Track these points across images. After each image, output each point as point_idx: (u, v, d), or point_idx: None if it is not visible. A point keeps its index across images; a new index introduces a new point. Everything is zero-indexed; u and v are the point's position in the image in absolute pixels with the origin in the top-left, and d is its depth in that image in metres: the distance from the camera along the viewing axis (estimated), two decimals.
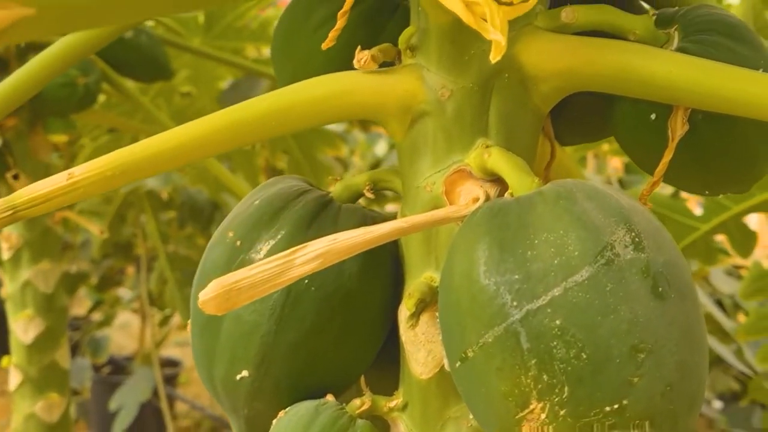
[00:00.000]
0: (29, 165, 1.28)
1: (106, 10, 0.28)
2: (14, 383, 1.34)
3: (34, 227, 1.31)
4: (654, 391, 0.38)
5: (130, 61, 1.28)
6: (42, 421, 1.33)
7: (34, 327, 1.32)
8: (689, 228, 1.45)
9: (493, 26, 0.38)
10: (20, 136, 1.28)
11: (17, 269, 1.32)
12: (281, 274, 0.43)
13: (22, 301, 1.33)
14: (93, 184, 0.46)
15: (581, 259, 0.38)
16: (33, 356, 1.33)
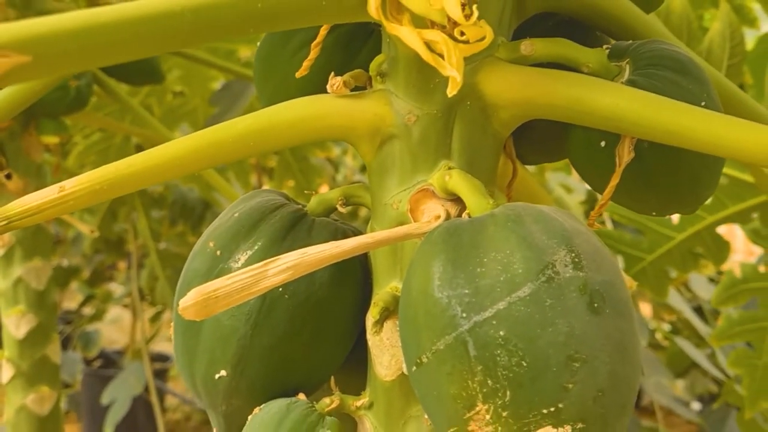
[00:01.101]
0: (21, 164, 1.31)
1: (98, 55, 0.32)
2: (6, 377, 1.38)
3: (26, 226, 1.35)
4: (587, 396, 0.42)
5: (121, 65, 1.32)
6: (33, 413, 1.37)
7: (26, 322, 1.36)
8: (666, 237, 1.50)
9: (449, 63, 0.42)
10: (13, 137, 1.32)
11: (9, 266, 1.36)
12: (255, 284, 0.47)
13: (14, 298, 1.36)
14: (82, 197, 0.50)
15: (524, 277, 0.42)
16: (25, 351, 1.37)
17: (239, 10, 0.37)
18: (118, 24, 0.32)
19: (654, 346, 2.64)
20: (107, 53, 0.32)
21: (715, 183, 0.55)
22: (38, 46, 0.29)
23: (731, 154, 0.46)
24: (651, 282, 1.57)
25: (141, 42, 0.32)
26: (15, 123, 1.31)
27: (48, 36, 0.29)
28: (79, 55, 0.30)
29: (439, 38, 0.42)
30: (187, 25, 0.34)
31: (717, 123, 0.46)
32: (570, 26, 0.59)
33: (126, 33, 0.32)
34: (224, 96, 1.84)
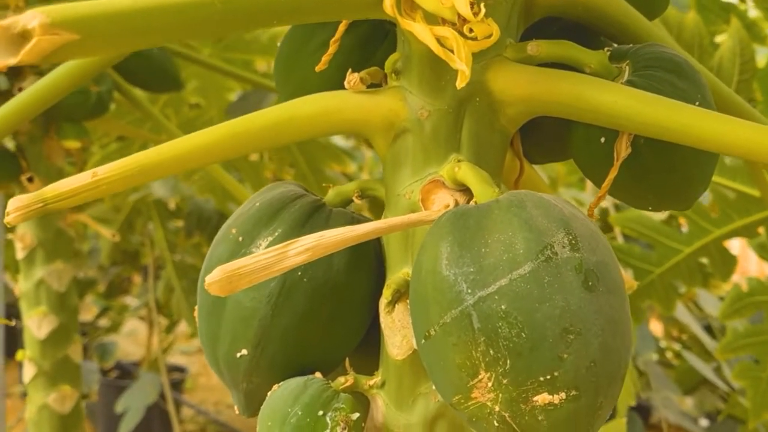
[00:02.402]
0: (42, 168, 1.36)
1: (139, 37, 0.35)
2: (28, 376, 1.42)
3: (48, 228, 1.39)
4: (580, 365, 0.45)
5: (140, 72, 1.36)
6: (55, 411, 1.40)
7: (48, 323, 1.40)
8: (674, 251, 1.53)
9: (458, 58, 0.46)
10: (34, 141, 1.36)
11: (31, 268, 1.39)
12: (277, 263, 0.51)
13: (36, 299, 1.40)
14: (114, 181, 0.53)
15: (525, 256, 0.46)
16: (46, 351, 1.41)
17: (266, 2, 0.40)
18: (157, 9, 0.35)
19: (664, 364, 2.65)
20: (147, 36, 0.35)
21: (707, 180, 0.58)
22: (86, 26, 0.33)
23: (720, 148, 0.50)
24: (659, 295, 1.59)
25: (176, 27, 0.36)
26: (35, 127, 1.36)
27: (96, 17, 0.33)
28: (123, 36, 0.34)
29: (449, 34, 0.46)
30: (217, 13, 0.38)
31: (707, 119, 0.49)
32: (575, 31, 0.62)
33: (163, 18, 0.36)
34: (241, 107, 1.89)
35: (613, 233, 1.98)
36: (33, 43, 0.32)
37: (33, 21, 0.32)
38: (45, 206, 0.55)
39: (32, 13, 0.33)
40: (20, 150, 1.41)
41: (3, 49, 0.33)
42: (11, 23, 0.32)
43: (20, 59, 0.33)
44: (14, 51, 0.33)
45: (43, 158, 1.40)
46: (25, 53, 0.32)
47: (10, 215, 0.54)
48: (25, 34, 0.33)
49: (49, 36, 0.33)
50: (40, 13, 0.33)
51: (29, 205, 0.54)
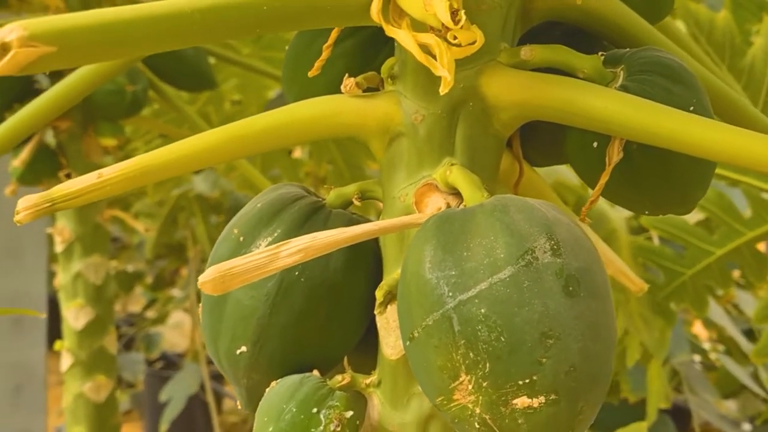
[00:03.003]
0: (81, 165, 1.40)
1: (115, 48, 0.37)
2: (65, 365, 1.46)
3: (86, 223, 1.43)
4: (559, 370, 0.46)
5: (174, 71, 1.39)
6: (90, 400, 1.45)
7: (85, 315, 1.44)
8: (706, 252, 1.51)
9: (441, 64, 0.47)
10: (73, 138, 1.40)
11: (69, 261, 1.44)
12: (269, 263, 0.52)
13: (73, 291, 1.44)
14: (119, 182, 0.55)
15: (505, 261, 0.46)
16: (83, 341, 1.45)
17: (245, 12, 0.42)
18: (134, 21, 0.37)
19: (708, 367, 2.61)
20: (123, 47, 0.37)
21: (706, 184, 0.58)
22: (62, 38, 0.34)
23: (708, 154, 0.49)
24: (691, 297, 1.58)
25: (154, 38, 0.38)
26: (75, 125, 1.40)
27: (71, 30, 0.35)
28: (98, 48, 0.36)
29: (432, 41, 0.47)
30: (196, 24, 0.39)
31: (695, 125, 0.49)
32: (577, 35, 0.62)
33: (141, 30, 0.37)
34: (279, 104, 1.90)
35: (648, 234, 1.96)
36: (11, 55, 0.34)
37: (11, 34, 0.34)
38: (53, 205, 0.57)
39: (11, 27, 0.34)
40: (60, 147, 1.45)
41: None
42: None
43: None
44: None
45: (81, 155, 1.44)
46: (3, 65, 0.34)
47: (20, 213, 0.57)
48: (2, 47, 0.34)
49: (26, 48, 0.34)
50: (18, 26, 0.34)
51: (38, 204, 0.56)
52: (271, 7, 0.43)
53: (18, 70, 0.35)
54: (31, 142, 1.38)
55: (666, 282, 1.59)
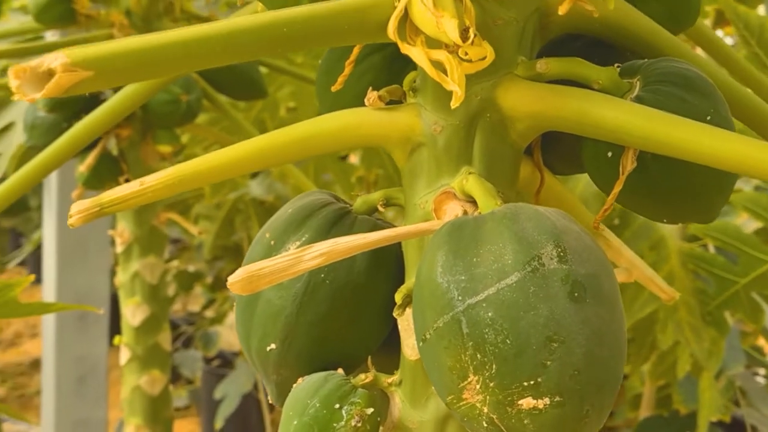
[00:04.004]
0: (139, 170, 1.46)
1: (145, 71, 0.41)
2: (124, 359, 1.53)
3: (143, 225, 1.50)
4: (564, 373, 0.48)
5: (227, 81, 1.45)
6: (146, 393, 1.51)
7: (141, 312, 1.51)
8: (759, 261, 1.50)
9: (452, 79, 0.49)
10: (133, 146, 1.47)
11: (128, 261, 1.50)
12: (293, 266, 0.56)
13: (131, 289, 1.51)
14: (158, 189, 0.59)
15: (513, 266, 0.49)
16: (139, 337, 1.51)
17: (267, 34, 0.45)
18: (162, 47, 0.40)
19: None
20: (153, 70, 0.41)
21: (726, 193, 0.59)
22: (99, 64, 0.38)
23: (719, 164, 0.51)
24: (744, 306, 1.56)
25: (180, 61, 0.41)
26: (135, 133, 1.47)
27: (106, 56, 0.39)
28: (130, 71, 0.39)
29: (444, 57, 0.49)
30: (219, 47, 0.43)
31: (705, 135, 0.51)
32: (599, 46, 0.64)
33: (168, 54, 0.41)
34: None
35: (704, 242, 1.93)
36: (55, 80, 0.38)
37: (55, 61, 0.38)
38: (101, 210, 0.62)
39: (55, 55, 0.38)
40: (121, 154, 1.52)
41: (32, 85, 0.39)
42: (38, 64, 0.38)
43: (44, 93, 0.38)
44: (40, 86, 0.39)
45: (140, 161, 1.50)
46: (49, 88, 0.38)
47: (73, 217, 0.61)
48: (49, 72, 0.38)
49: (68, 73, 0.38)
50: (61, 54, 0.38)
51: (88, 209, 0.60)
52: (291, 29, 0.46)
53: (61, 92, 0.38)
54: (96, 149, 1.45)
55: (718, 291, 1.58)
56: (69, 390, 1.79)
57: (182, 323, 4.34)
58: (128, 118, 1.47)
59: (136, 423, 1.48)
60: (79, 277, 1.81)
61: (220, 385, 3.10)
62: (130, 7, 1.49)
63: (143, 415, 1.48)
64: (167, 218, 1.54)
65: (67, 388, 1.79)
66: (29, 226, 4.20)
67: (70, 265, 1.81)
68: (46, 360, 1.86)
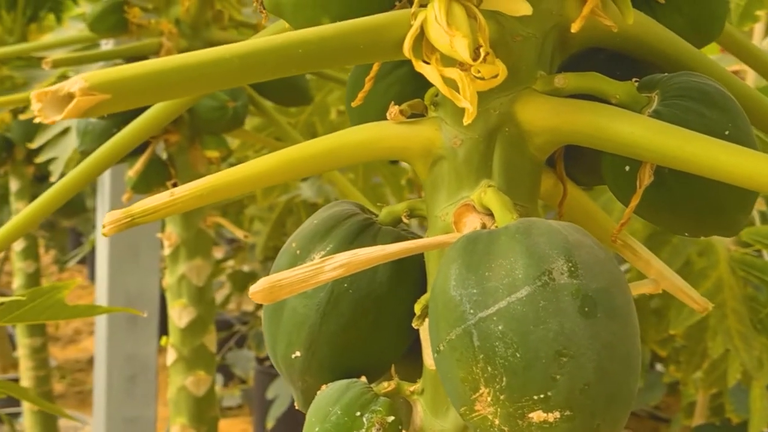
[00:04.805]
0: (187, 175, 1.50)
1: (160, 93, 0.42)
2: (170, 359, 1.57)
3: (190, 229, 1.53)
4: (574, 387, 0.48)
5: (273, 88, 1.48)
6: (191, 393, 1.55)
7: (187, 314, 1.54)
8: None
9: (464, 97, 0.50)
10: (181, 151, 1.51)
11: (175, 264, 1.54)
12: (313, 277, 0.57)
13: (178, 291, 1.55)
14: (188, 200, 0.61)
15: (523, 281, 0.49)
16: (185, 338, 1.55)
17: (282, 54, 0.47)
18: (178, 69, 0.42)
19: None
20: (169, 92, 0.42)
21: (747, 208, 0.59)
22: (115, 87, 0.40)
23: (733, 180, 0.51)
24: None
25: (197, 83, 0.43)
26: (183, 138, 1.50)
27: (122, 80, 0.41)
28: (146, 94, 0.41)
29: (456, 75, 0.50)
30: (236, 68, 0.44)
31: (719, 151, 0.51)
32: (621, 60, 0.64)
33: (185, 76, 0.43)
34: None
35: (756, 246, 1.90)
36: (74, 103, 0.40)
37: (75, 86, 0.40)
38: (132, 220, 0.64)
39: (75, 79, 0.41)
40: (170, 159, 1.56)
41: (53, 108, 0.41)
42: (59, 88, 0.40)
43: (64, 116, 0.41)
44: (60, 109, 0.41)
45: (188, 166, 1.54)
46: (68, 111, 0.40)
47: (105, 227, 0.63)
48: (69, 95, 0.41)
49: (86, 97, 0.40)
50: (80, 78, 0.40)
51: (120, 219, 0.63)
52: (307, 49, 0.48)
53: (80, 115, 0.41)
54: (145, 154, 1.49)
55: None
56: (120, 388, 1.85)
57: (236, 322, 4.40)
58: (177, 123, 1.51)
59: (181, 422, 1.51)
60: (130, 279, 1.87)
61: (272, 385, 3.15)
62: (179, 16, 1.52)
63: (188, 415, 1.52)
64: (214, 221, 1.57)
65: (118, 387, 1.85)
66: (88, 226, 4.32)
67: (122, 266, 1.86)
68: (98, 359, 1.91)
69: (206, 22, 1.55)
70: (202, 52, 0.44)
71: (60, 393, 4.56)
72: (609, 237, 0.65)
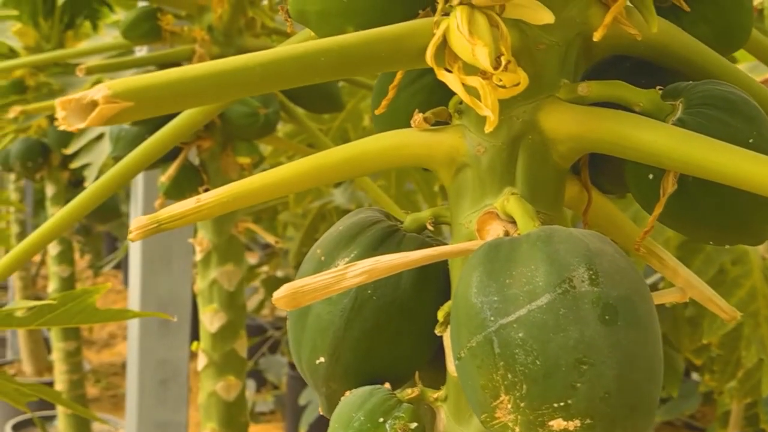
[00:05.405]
0: (219, 181, 1.51)
1: (182, 101, 0.43)
2: (201, 364, 1.58)
3: (222, 234, 1.55)
4: (594, 395, 0.48)
5: (303, 95, 1.49)
6: (221, 398, 1.56)
7: (218, 319, 1.56)
8: None
9: (485, 105, 0.51)
10: (213, 157, 1.53)
11: (207, 269, 1.56)
12: (336, 283, 0.58)
13: (209, 297, 1.56)
14: (214, 207, 0.62)
15: (544, 288, 0.49)
16: (216, 344, 1.56)
17: (304, 63, 0.47)
18: (200, 77, 0.43)
19: None
20: (190, 100, 0.43)
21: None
22: (138, 95, 0.41)
23: (758, 189, 0.50)
24: None
25: (219, 91, 0.44)
26: (215, 145, 1.52)
27: (145, 88, 0.41)
28: (168, 102, 0.42)
29: (477, 84, 0.50)
30: (258, 77, 0.45)
31: (743, 159, 0.51)
32: (649, 66, 0.64)
33: (206, 84, 0.43)
34: None
35: None
36: (98, 111, 0.41)
37: (98, 94, 0.41)
38: (159, 226, 0.65)
39: (98, 88, 0.41)
40: (202, 165, 1.58)
41: (77, 115, 0.42)
42: (82, 96, 0.41)
43: (87, 123, 0.41)
44: (84, 117, 0.42)
45: (220, 172, 1.56)
46: (92, 119, 0.41)
47: (132, 233, 0.65)
48: (92, 103, 0.41)
49: (109, 104, 0.41)
50: (103, 87, 0.41)
51: (147, 225, 0.64)
52: (329, 58, 0.49)
53: (103, 122, 0.42)
54: (177, 160, 1.51)
55: None
56: (151, 393, 1.87)
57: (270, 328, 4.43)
58: (209, 129, 1.53)
59: (211, 427, 1.53)
60: (162, 284, 1.89)
61: (305, 391, 3.16)
62: (212, 23, 1.54)
63: (219, 420, 1.53)
64: (246, 227, 1.59)
65: (150, 391, 1.87)
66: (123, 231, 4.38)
67: (154, 271, 1.89)
68: (131, 363, 1.94)
69: (239, 29, 1.56)
70: (224, 60, 0.45)
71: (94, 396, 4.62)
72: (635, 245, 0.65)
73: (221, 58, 1.61)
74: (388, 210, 1.72)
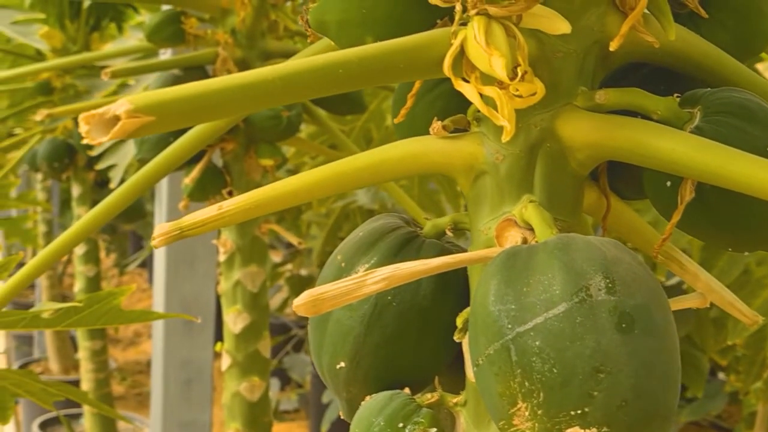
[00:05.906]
0: (243, 183, 1.53)
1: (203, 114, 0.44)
2: (225, 365, 1.60)
3: (245, 236, 1.56)
4: (611, 404, 0.48)
5: (325, 98, 1.49)
6: (245, 399, 1.57)
7: (242, 320, 1.57)
8: None
9: (502, 115, 0.51)
10: (237, 159, 1.54)
11: (230, 270, 1.57)
12: (356, 290, 0.58)
13: (233, 298, 1.58)
14: (235, 214, 0.63)
15: (561, 297, 0.50)
16: (240, 344, 1.58)
17: (323, 75, 0.48)
18: (220, 91, 0.44)
19: None
20: (212, 113, 0.44)
21: None
22: (159, 110, 0.42)
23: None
24: None
25: (240, 103, 0.45)
26: (239, 147, 1.53)
27: (166, 102, 0.42)
28: (189, 115, 0.43)
29: (494, 93, 0.51)
30: (278, 89, 0.46)
31: (761, 168, 0.50)
32: (667, 73, 0.64)
33: (227, 97, 0.44)
34: None
35: None
36: (120, 125, 0.42)
37: (120, 108, 0.42)
38: (182, 233, 0.66)
39: (121, 102, 0.42)
40: (226, 167, 1.59)
41: (100, 129, 0.43)
42: (105, 110, 0.42)
43: (110, 137, 0.42)
44: (107, 130, 0.43)
45: (244, 174, 1.57)
46: (114, 133, 0.42)
47: (155, 239, 0.66)
48: (115, 117, 0.42)
49: (132, 119, 0.42)
50: (125, 101, 0.42)
51: (170, 231, 0.65)
52: (348, 69, 0.49)
53: (126, 136, 0.43)
54: (201, 162, 1.53)
55: None
56: (176, 392, 1.89)
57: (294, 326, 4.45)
58: (233, 132, 1.54)
59: (235, 427, 1.54)
60: (187, 285, 1.91)
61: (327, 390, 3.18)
62: (235, 26, 1.55)
63: (242, 420, 1.55)
64: (269, 228, 1.60)
65: (174, 391, 1.89)
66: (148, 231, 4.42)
67: (178, 272, 1.91)
68: (155, 363, 1.96)
69: (262, 32, 1.57)
70: (245, 74, 0.45)
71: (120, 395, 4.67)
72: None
73: (244, 60, 1.62)
74: (410, 211, 1.74)
